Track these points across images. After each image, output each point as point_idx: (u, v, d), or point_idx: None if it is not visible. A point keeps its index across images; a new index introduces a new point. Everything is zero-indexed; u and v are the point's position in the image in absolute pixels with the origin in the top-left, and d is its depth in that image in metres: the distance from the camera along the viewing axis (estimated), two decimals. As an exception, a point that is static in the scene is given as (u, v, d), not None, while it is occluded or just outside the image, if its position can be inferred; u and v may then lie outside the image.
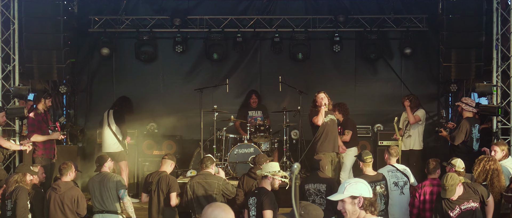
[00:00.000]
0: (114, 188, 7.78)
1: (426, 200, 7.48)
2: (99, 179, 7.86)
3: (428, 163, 7.72)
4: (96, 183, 7.85)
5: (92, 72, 12.61)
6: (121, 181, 7.90)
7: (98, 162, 8.01)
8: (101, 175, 7.88)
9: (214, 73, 12.55)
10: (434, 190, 7.46)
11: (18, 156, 9.80)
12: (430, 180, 7.58)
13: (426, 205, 7.48)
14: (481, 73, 10.12)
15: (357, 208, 4.40)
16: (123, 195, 7.80)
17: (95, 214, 7.86)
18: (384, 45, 12.27)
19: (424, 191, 7.49)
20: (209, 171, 7.90)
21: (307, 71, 12.57)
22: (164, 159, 8.18)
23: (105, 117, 10.30)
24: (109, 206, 7.78)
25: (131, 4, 12.29)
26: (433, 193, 7.46)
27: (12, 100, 9.72)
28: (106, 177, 7.83)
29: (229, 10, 12.30)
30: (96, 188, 7.84)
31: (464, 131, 9.25)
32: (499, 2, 9.58)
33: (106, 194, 7.77)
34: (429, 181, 7.57)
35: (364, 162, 7.74)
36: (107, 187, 7.77)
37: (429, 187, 7.50)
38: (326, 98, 9.41)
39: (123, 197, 7.80)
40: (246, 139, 10.92)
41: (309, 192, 7.74)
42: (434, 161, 7.71)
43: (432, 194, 7.46)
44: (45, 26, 10.05)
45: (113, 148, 10.18)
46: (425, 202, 7.49)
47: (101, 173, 7.91)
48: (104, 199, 7.77)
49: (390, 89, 12.40)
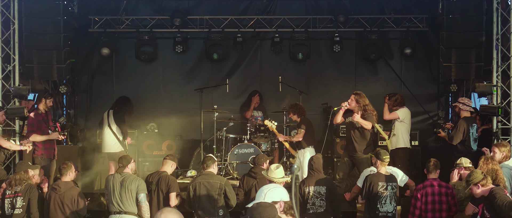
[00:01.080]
0: (135, 190, 7.77)
1: (428, 201, 7.46)
2: (121, 179, 7.83)
3: (428, 162, 7.72)
4: (117, 182, 7.81)
5: (92, 72, 12.61)
6: (143, 184, 7.88)
7: (121, 162, 8.00)
8: (123, 175, 7.85)
9: (214, 73, 12.55)
10: (435, 190, 7.45)
11: (18, 156, 9.79)
12: (431, 180, 7.58)
13: (428, 205, 7.46)
14: (481, 73, 10.11)
15: (278, 212, 4.47)
16: (142, 199, 7.80)
17: (113, 214, 7.81)
18: (384, 45, 12.28)
19: (426, 191, 7.47)
20: (211, 171, 7.90)
21: (307, 71, 12.57)
22: (165, 159, 8.19)
23: (105, 117, 10.28)
24: (127, 207, 7.76)
25: (131, 4, 12.29)
26: (434, 194, 7.44)
27: (12, 100, 9.71)
28: (129, 179, 7.81)
29: (229, 10, 12.30)
30: (116, 187, 7.80)
31: (462, 131, 9.25)
32: (499, 2, 9.57)
33: (126, 195, 7.74)
34: (429, 182, 7.56)
35: (382, 161, 7.76)
36: (129, 189, 7.75)
37: (430, 187, 7.49)
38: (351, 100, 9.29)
39: (142, 201, 7.79)
40: (246, 139, 10.93)
41: (310, 195, 7.76)
42: (434, 160, 7.71)
43: (433, 194, 7.45)
44: (45, 26, 10.03)
45: (113, 148, 10.17)
46: (427, 203, 7.48)
47: (123, 173, 7.89)
48: (123, 200, 7.74)
49: (390, 89, 12.34)
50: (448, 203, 7.48)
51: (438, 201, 7.46)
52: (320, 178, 7.82)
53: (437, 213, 7.46)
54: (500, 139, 9.31)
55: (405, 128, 10.16)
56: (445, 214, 7.46)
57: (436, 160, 7.77)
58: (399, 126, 10.13)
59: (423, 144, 11.54)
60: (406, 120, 10.15)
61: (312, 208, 7.73)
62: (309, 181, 7.85)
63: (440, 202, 7.46)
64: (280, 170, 7.26)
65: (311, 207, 7.73)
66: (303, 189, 7.74)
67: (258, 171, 8.04)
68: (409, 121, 10.22)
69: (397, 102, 10.24)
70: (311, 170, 7.92)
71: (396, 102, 10.23)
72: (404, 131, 10.16)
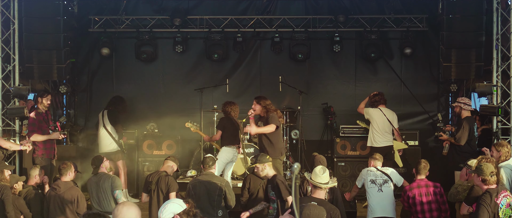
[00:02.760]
0: (109, 188, 7.79)
1: (415, 203, 7.51)
2: (96, 180, 7.87)
3: (418, 163, 7.77)
4: (94, 184, 7.87)
5: (92, 72, 12.61)
6: (116, 181, 7.88)
7: (94, 164, 8.01)
8: (98, 176, 7.89)
9: (214, 73, 12.54)
10: (422, 191, 7.51)
11: (18, 155, 9.80)
12: (418, 181, 7.63)
13: (417, 207, 7.52)
14: (481, 73, 10.11)
15: None
16: (118, 196, 7.79)
17: None
18: (384, 45, 12.27)
19: (414, 193, 7.54)
20: (211, 171, 7.90)
21: (307, 71, 12.57)
22: (167, 160, 8.20)
23: (100, 118, 10.43)
24: (105, 207, 7.76)
25: (131, 4, 12.29)
26: (421, 195, 7.50)
27: (12, 100, 9.71)
28: (103, 178, 7.84)
29: (229, 10, 12.30)
30: (93, 189, 7.86)
31: (468, 130, 9.29)
32: (499, 2, 9.57)
33: (102, 195, 7.78)
34: (416, 183, 7.62)
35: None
36: (103, 188, 7.78)
37: (417, 189, 7.55)
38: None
39: (118, 198, 7.79)
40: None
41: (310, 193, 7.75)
42: (425, 161, 7.76)
43: (421, 195, 7.50)
44: (45, 26, 10.04)
45: (109, 148, 10.27)
46: (415, 205, 7.52)
47: (98, 173, 7.92)
48: (101, 200, 7.78)
49: (390, 89, 12.39)
50: (437, 202, 7.56)
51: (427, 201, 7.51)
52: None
53: (427, 213, 7.51)
54: (500, 139, 9.31)
55: (374, 127, 10.29)
56: (435, 213, 7.51)
57: (426, 161, 7.83)
58: (370, 125, 10.37)
59: (423, 144, 11.55)
60: (374, 119, 10.27)
61: None
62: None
63: (430, 202, 7.52)
64: (326, 175, 6.38)
65: None
66: (304, 187, 7.74)
67: None
68: (379, 122, 10.26)
69: (373, 101, 10.44)
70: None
71: (372, 101, 10.46)
72: (373, 130, 10.30)
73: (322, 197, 6.30)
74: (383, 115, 10.28)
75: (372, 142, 10.34)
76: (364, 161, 9.54)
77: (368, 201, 8.16)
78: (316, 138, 12.24)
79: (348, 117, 12.02)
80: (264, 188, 7.91)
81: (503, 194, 6.55)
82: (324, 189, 6.32)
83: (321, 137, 12.18)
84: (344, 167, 11.04)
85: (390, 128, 10.32)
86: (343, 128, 11.29)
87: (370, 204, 8.07)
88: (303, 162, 11.32)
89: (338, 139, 11.22)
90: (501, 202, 6.50)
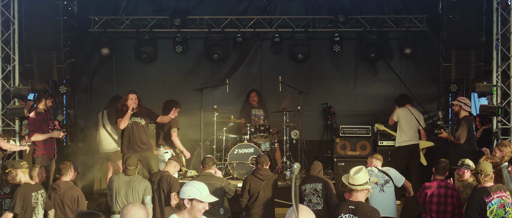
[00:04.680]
0: (142, 192, 7.77)
1: (433, 202, 7.41)
2: (127, 179, 7.82)
3: (439, 163, 7.62)
4: (124, 183, 7.80)
5: (92, 72, 12.60)
6: (150, 187, 7.87)
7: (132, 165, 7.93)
8: (129, 176, 7.84)
9: (214, 73, 12.55)
10: (441, 191, 7.40)
11: (18, 156, 9.78)
12: (438, 181, 7.49)
13: (433, 206, 7.41)
14: (481, 73, 10.11)
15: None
16: (149, 201, 7.79)
17: (116, 214, 7.75)
18: (384, 45, 12.27)
19: (432, 192, 7.42)
20: (210, 171, 7.91)
21: (307, 71, 12.57)
22: (170, 160, 8.20)
23: (99, 118, 10.49)
24: None
25: (131, 4, 12.29)
26: (440, 195, 7.39)
27: (12, 100, 9.71)
28: (136, 180, 7.81)
29: (229, 10, 12.30)
30: (121, 187, 7.78)
31: (467, 128, 9.31)
32: (499, 2, 9.57)
33: (132, 196, 7.73)
34: (437, 182, 7.48)
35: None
36: (136, 190, 7.74)
37: (437, 189, 7.43)
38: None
39: (148, 203, 7.77)
40: (246, 139, 10.93)
41: (306, 192, 7.84)
42: (444, 161, 7.65)
43: (439, 196, 7.39)
44: (45, 26, 10.04)
45: (109, 148, 10.33)
46: (431, 203, 7.43)
47: (129, 174, 7.86)
48: (129, 201, 7.70)
49: (390, 89, 12.40)
50: (453, 205, 7.43)
51: (443, 202, 7.41)
52: (317, 177, 7.92)
53: (441, 214, 7.42)
54: (500, 139, 9.31)
55: (402, 127, 10.59)
56: (449, 216, 7.41)
57: (446, 161, 7.68)
58: (398, 123, 10.69)
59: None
60: (403, 117, 10.64)
61: (308, 206, 7.73)
62: (305, 180, 8.02)
63: (446, 204, 7.41)
64: (361, 175, 5.95)
65: (308, 205, 7.72)
66: (300, 188, 7.76)
67: (264, 173, 8.05)
68: (407, 120, 10.62)
69: (400, 101, 10.90)
70: (308, 173, 8.13)
71: (399, 100, 10.92)
72: (401, 129, 10.61)
73: (359, 199, 5.95)
74: (410, 113, 10.57)
75: (400, 143, 10.59)
76: (364, 161, 9.51)
77: (369, 201, 8.10)
78: (316, 138, 12.23)
79: (348, 117, 12.05)
80: (264, 189, 7.92)
81: (498, 194, 6.53)
82: (361, 191, 5.92)
83: (321, 137, 12.18)
84: (344, 167, 11.01)
85: (417, 127, 10.56)
86: (343, 128, 11.28)
87: (371, 204, 7.98)
88: (303, 162, 11.32)
89: (338, 139, 11.20)
90: (492, 201, 6.49)
